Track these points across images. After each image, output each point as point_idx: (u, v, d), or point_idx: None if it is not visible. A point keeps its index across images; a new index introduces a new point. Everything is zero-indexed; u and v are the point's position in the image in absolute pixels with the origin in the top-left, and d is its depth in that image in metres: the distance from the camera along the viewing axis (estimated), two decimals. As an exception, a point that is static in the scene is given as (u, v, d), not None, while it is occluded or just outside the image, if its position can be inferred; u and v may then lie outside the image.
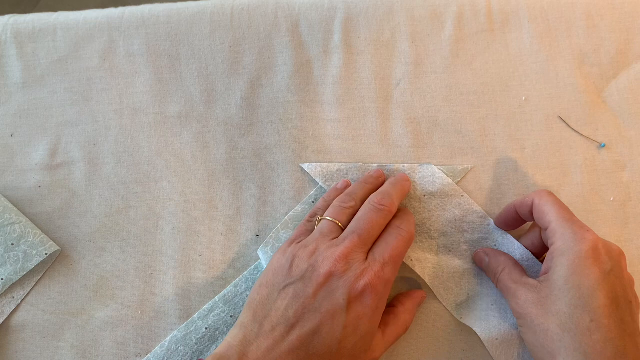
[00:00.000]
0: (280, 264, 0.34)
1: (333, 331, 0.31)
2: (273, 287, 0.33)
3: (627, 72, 0.43)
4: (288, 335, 0.31)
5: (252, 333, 0.32)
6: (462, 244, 0.40)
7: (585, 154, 0.41)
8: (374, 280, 0.32)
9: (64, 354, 0.39)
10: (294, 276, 0.33)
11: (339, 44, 0.43)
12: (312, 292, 0.32)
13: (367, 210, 0.35)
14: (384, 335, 0.35)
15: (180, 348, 0.38)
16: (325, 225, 0.35)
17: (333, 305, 0.32)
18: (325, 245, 0.34)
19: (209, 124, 0.42)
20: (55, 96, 0.42)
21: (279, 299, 0.33)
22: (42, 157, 0.41)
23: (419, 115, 0.42)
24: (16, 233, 0.39)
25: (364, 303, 0.32)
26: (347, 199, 0.37)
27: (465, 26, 0.43)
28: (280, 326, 0.32)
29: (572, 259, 0.32)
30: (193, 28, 0.43)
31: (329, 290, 0.32)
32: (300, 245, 0.34)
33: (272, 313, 0.32)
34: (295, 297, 0.32)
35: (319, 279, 0.32)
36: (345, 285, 0.32)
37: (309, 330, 0.31)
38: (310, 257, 0.33)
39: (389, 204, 0.35)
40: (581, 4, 0.43)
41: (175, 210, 0.41)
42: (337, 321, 0.32)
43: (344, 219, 0.36)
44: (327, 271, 0.32)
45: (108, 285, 0.40)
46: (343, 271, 0.32)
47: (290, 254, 0.34)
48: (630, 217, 0.41)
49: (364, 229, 0.34)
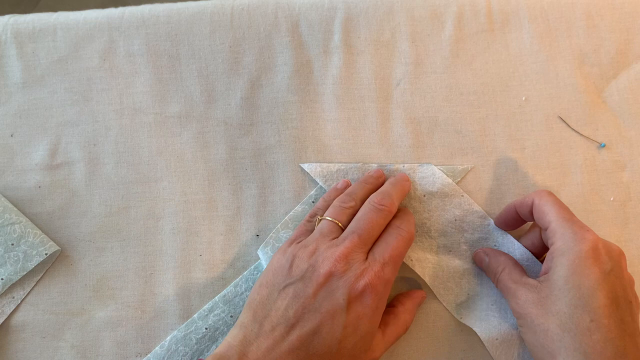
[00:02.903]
0: (280, 264, 0.34)
1: (333, 331, 0.32)
2: (273, 287, 0.33)
3: (627, 72, 0.43)
4: (288, 335, 0.31)
5: (252, 333, 0.32)
6: (462, 244, 0.40)
7: (585, 154, 0.41)
8: (374, 280, 0.32)
9: (64, 354, 0.39)
10: (293, 276, 0.33)
11: (339, 44, 0.43)
12: (312, 292, 0.32)
13: (367, 210, 0.35)
14: (384, 335, 0.35)
15: (180, 348, 0.38)
16: (325, 225, 0.35)
17: (333, 305, 0.32)
18: (325, 245, 0.34)
19: (209, 124, 0.42)
20: (55, 96, 0.42)
21: (279, 299, 0.33)
22: (42, 157, 0.41)
23: (419, 115, 0.42)
24: (16, 233, 0.39)
25: (364, 303, 0.32)
26: (347, 199, 0.37)
27: (465, 26, 0.43)
28: (280, 326, 0.32)
29: (572, 259, 0.32)
30: (193, 28, 0.43)
31: (329, 290, 0.32)
32: (300, 245, 0.34)
33: (272, 313, 0.32)
34: (295, 297, 0.32)
35: (319, 279, 0.32)
36: (345, 285, 0.32)
37: (309, 330, 0.31)
38: (310, 257, 0.33)
39: (389, 204, 0.35)
40: (581, 4, 0.43)
41: (175, 210, 0.41)
42: (337, 321, 0.32)
43: (344, 219, 0.36)
44: (327, 271, 0.32)
45: (108, 285, 0.40)
46: (343, 271, 0.32)
47: (290, 254, 0.34)
48: (630, 217, 0.41)
49: (363, 229, 0.34)
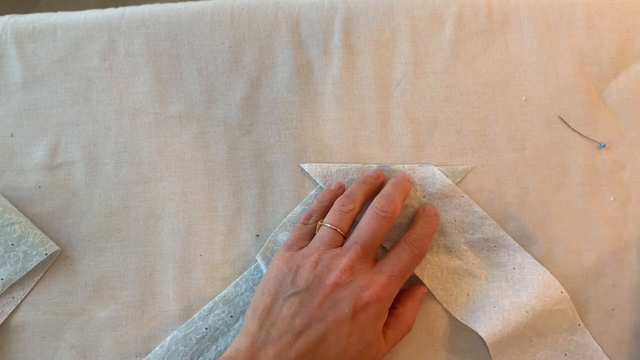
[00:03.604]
0: (283, 273, 0.35)
1: (339, 339, 0.32)
2: (277, 295, 0.34)
3: (627, 72, 0.43)
4: (295, 343, 0.32)
5: (260, 340, 0.33)
6: (462, 245, 0.40)
7: (585, 154, 0.41)
8: (380, 291, 0.33)
9: (64, 354, 0.39)
10: (298, 286, 0.34)
11: (339, 44, 0.43)
12: (319, 302, 0.33)
13: (370, 218, 0.36)
14: (386, 337, 0.35)
15: (180, 348, 0.38)
16: (326, 233, 0.36)
17: (339, 314, 0.33)
18: (328, 256, 0.34)
19: (209, 124, 0.42)
20: (55, 96, 0.42)
21: (284, 307, 0.34)
22: (42, 157, 0.41)
23: (419, 115, 0.42)
24: (16, 233, 0.39)
25: (369, 312, 0.33)
26: (346, 201, 0.37)
27: (465, 26, 0.43)
28: (287, 334, 0.33)
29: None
30: (193, 28, 0.43)
31: (334, 300, 0.33)
32: (303, 255, 0.35)
33: (278, 321, 0.33)
34: (302, 306, 0.33)
35: (325, 289, 0.33)
36: (351, 296, 0.33)
37: (315, 339, 0.32)
38: (314, 267, 0.34)
39: (391, 210, 0.36)
40: (581, 4, 0.43)
41: (175, 210, 0.41)
42: (342, 330, 0.33)
43: (344, 225, 0.36)
44: (333, 282, 0.33)
45: (108, 285, 0.40)
46: (348, 282, 0.34)
47: (294, 264, 0.35)
48: (630, 217, 0.41)
49: (366, 240, 0.35)
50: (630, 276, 0.40)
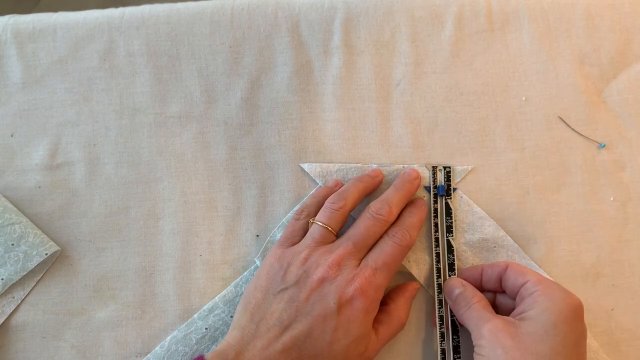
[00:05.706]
0: (274, 269, 0.35)
1: (324, 333, 0.33)
2: (267, 291, 0.35)
3: (627, 72, 0.43)
4: (281, 336, 0.33)
5: (249, 334, 0.34)
6: (462, 245, 0.40)
7: (585, 154, 0.41)
8: (364, 285, 0.34)
9: (64, 354, 0.39)
10: (288, 282, 0.34)
11: (339, 44, 0.43)
12: (305, 297, 0.34)
13: (364, 219, 0.36)
14: (377, 334, 0.35)
15: (180, 348, 0.38)
16: (317, 231, 0.36)
17: (324, 308, 0.33)
18: (318, 252, 0.35)
19: (209, 124, 0.42)
20: (55, 96, 0.42)
21: (274, 302, 0.34)
22: (42, 157, 0.41)
23: (419, 115, 0.42)
24: (16, 233, 0.39)
25: (355, 307, 0.33)
26: (337, 198, 0.37)
27: (465, 26, 0.43)
28: (274, 327, 0.33)
29: (562, 309, 0.32)
30: (193, 28, 0.43)
31: (320, 295, 0.34)
32: (293, 252, 0.36)
33: (267, 316, 0.34)
34: (290, 301, 0.34)
35: (312, 284, 0.34)
36: (337, 290, 0.33)
37: (300, 332, 0.33)
38: (303, 263, 0.35)
39: (386, 214, 0.36)
40: (581, 4, 0.43)
41: (175, 210, 0.41)
42: (328, 324, 0.33)
43: (334, 223, 0.36)
44: (320, 277, 0.34)
45: (108, 285, 0.40)
46: (335, 276, 0.34)
47: (285, 260, 0.35)
48: (630, 217, 0.41)
49: (359, 238, 0.35)
50: (630, 276, 0.40)
